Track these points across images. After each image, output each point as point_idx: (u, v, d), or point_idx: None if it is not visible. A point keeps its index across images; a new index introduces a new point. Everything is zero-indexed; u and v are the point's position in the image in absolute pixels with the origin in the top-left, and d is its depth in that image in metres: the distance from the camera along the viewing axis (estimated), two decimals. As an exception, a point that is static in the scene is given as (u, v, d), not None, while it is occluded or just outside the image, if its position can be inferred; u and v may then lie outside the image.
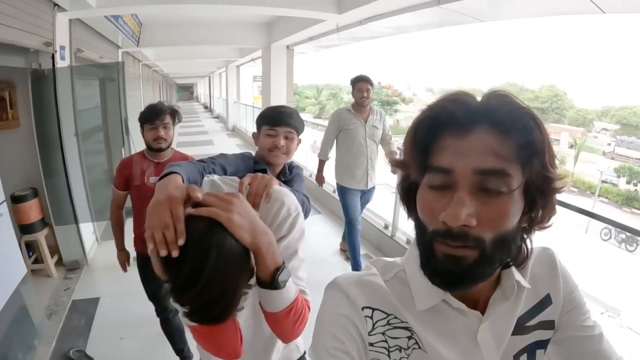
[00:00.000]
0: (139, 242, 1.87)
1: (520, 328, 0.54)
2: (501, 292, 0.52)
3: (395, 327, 0.52)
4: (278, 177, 1.23)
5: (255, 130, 1.28)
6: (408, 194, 0.52)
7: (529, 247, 0.52)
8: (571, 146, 27.43)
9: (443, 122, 0.46)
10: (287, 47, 6.65)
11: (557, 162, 0.47)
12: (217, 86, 19.20)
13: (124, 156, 3.22)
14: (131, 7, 3.49)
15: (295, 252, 0.90)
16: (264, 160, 1.20)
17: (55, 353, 2.13)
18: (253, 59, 9.64)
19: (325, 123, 3.43)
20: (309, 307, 0.83)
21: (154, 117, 1.77)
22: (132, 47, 5.71)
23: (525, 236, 0.50)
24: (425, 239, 0.48)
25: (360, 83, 2.88)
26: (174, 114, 1.86)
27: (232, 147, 9.42)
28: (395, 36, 5.38)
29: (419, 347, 0.51)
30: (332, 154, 3.14)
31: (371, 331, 0.52)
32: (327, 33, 5.04)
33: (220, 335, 0.76)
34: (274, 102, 6.68)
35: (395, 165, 0.53)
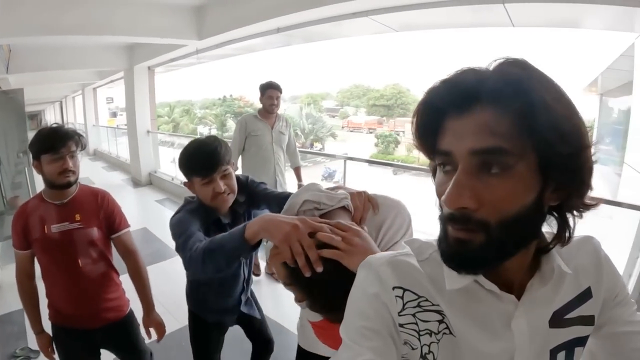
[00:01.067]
0: (54, 312, 1.49)
1: (558, 321, 0.51)
2: (540, 276, 0.50)
3: (426, 310, 0.51)
4: (235, 207, 1.26)
5: (185, 179, 1.24)
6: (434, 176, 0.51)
7: (572, 226, 0.47)
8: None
9: (444, 104, 0.44)
10: (149, 68, 6.89)
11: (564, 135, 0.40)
12: (71, 110, 17.41)
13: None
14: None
15: None
16: (213, 208, 1.21)
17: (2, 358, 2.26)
18: (112, 81, 9.39)
19: (181, 140, 3.65)
20: None
21: (59, 144, 1.38)
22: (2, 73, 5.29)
23: (564, 214, 0.47)
24: (440, 218, 0.48)
25: (270, 90, 2.93)
26: (79, 139, 1.47)
27: (97, 170, 9.04)
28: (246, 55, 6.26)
29: (450, 333, 0.50)
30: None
31: (401, 311, 0.51)
32: (187, 55, 5.62)
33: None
34: (139, 122, 6.82)
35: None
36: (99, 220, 1.50)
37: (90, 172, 8.14)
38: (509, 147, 0.40)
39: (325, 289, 0.67)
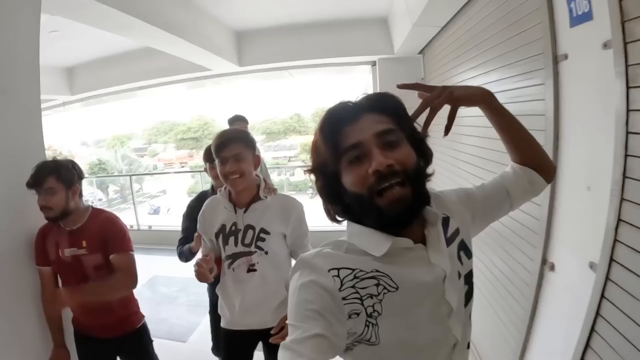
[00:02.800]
0: (75, 319, 1.64)
1: (447, 240, 0.72)
2: (430, 224, 0.69)
3: (362, 279, 0.62)
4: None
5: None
6: (331, 189, 0.68)
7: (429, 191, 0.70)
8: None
9: (341, 118, 0.67)
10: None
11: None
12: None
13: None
14: None
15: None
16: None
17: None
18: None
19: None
20: None
21: (37, 181, 1.44)
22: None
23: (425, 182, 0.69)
24: (365, 203, 0.63)
25: (237, 122, 3.10)
26: (61, 174, 1.47)
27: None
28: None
29: (389, 291, 0.62)
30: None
31: (341, 287, 0.61)
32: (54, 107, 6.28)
33: None
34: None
35: (311, 172, 0.71)
36: (101, 245, 1.52)
37: None
38: (396, 129, 0.66)
39: None
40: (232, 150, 1.33)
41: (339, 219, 0.72)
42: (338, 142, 0.65)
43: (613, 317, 1.12)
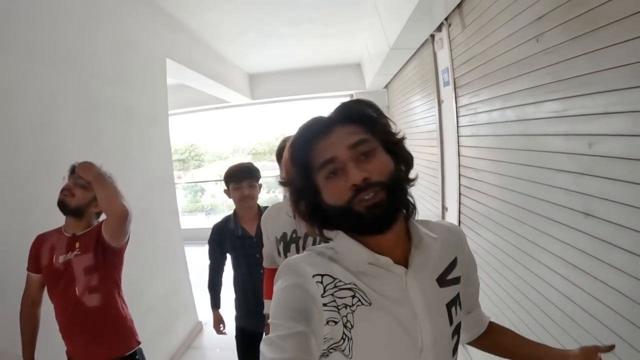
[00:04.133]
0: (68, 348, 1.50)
1: (444, 281, 0.69)
2: (414, 247, 0.67)
3: (341, 289, 0.63)
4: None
5: (225, 187, 1.80)
6: (310, 202, 0.67)
7: (412, 201, 0.70)
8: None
9: (313, 134, 0.66)
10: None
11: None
12: None
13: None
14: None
15: None
16: (237, 215, 1.81)
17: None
18: None
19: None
20: None
21: (74, 170, 1.55)
22: None
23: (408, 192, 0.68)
24: (345, 213, 0.63)
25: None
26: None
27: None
28: None
29: (362, 304, 0.62)
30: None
31: (323, 294, 0.62)
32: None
33: None
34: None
35: (284, 185, 0.71)
36: (94, 244, 1.48)
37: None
38: (369, 138, 0.64)
39: None
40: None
41: (326, 235, 0.71)
42: (312, 158, 0.66)
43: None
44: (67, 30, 2.01)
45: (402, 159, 0.68)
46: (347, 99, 0.72)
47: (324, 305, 0.61)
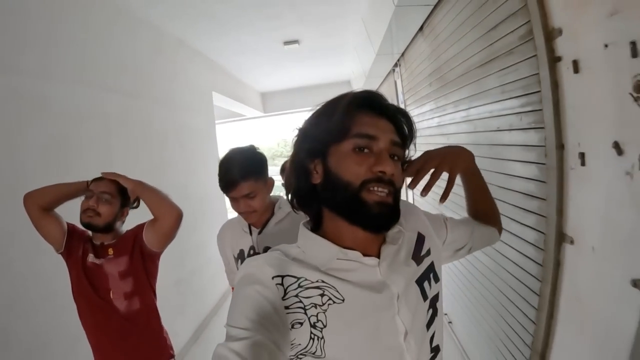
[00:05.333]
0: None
1: (419, 258, 0.70)
2: (390, 238, 0.67)
3: (307, 288, 0.59)
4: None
5: None
6: (305, 168, 0.65)
7: None
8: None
9: (367, 102, 0.64)
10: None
11: None
12: None
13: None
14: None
15: None
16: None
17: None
18: None
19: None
20: None
21: (94, 182, 1.45)
22: None
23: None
24: (349, 193, 0.60)
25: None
26: (122, 187, 1.46)
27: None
28: None
29: (334, 302, 0.59)
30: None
31: (284, 296, 0.58)
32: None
33: None
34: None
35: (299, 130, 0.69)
36: (130, 247, 1.44)
37: None
38: (402, 148, 0.66)
39: None
40: (241, 191, 1.16)
41: (299, 209, 0.69)
42: (353, 122, 0.62)
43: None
44: (132, 66, 2.79)
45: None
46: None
47: (286, 308, 0.58)
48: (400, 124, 0.67)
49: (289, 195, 0.70)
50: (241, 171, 1.15)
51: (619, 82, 0.91)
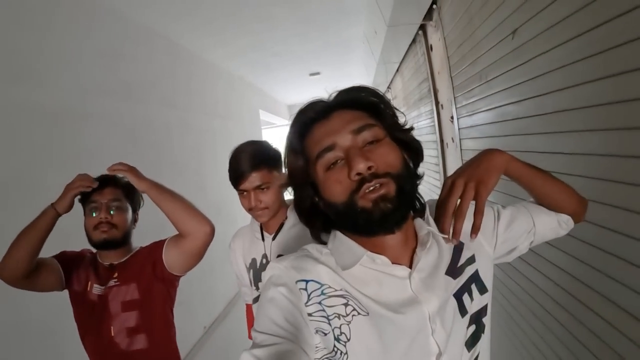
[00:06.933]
0: None
1: (456, 271, 0.61)
2: (421, 244, 0.59)
3: (330, 296, 0.55)
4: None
5: None
6: (308, 202, 0.61)
7: (422, 199, 0.63)
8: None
9: (310, 118, 0.59)
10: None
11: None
12: None
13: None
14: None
15: None
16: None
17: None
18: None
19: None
20: None
21: (105, 182, 1.19)
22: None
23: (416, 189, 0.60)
24: (346, 208, 0.55)
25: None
26: (129, 187, 1.22)
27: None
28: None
29: (359, 314, 0.54)
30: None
31: (307, 302, 0.55)
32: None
33: None
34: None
35: (286, 186, 0.64)
36: (137, 273, 1.21)
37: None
38: (375, 124, 0.57)
39: None
40: (253, 182, 1.06)
41: (324, 239, 0.64)
42: (309, 147, 0.58)
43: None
44: (203, 92, 3.71)
45: (412, 150, 0.62)
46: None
47: (310, 315, 0.55)
48: (360, 101, 0.60)
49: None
50: (253, 160, 1.06)
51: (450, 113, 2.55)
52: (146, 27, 2.78)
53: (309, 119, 0.61)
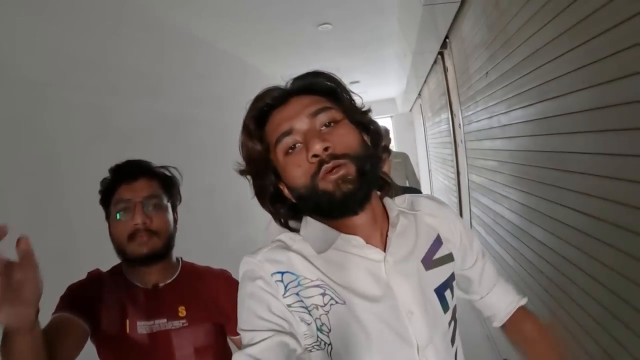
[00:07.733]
0: None
1: (430, 262, 0.61)
2: (392, 225, 0.60)
3: (307, 287, 0.56)
4: None
5: None
6: (270, 189, 0.61)
7: (388, 179, 0.64)
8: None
9: (268, 105, 0.59)
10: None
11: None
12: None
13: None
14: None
15: None
16: None
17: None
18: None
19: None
20: None
21: (129, 175, 0.89)
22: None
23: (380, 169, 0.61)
24: (307, 191, 0.55)
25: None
26: (168, 181, 0.95)
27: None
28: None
29: (336, 302, 0.54)
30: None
31: (285, 294, 0.55)
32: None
33: None
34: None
35: (243, 173, 0.62)
36: (212, 312, 0.95)
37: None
38: (332, 107, 0.58)
39: None
40: None
41: (292, 227, 0.63)
42: (267, 134, 0.59)
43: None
44: (225, 87, 3.54)
45: (371, 131, 0.62)
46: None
47: (289, 306, 0.55)
48: (317, 86, 0.61)
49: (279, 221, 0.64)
50: None
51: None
52: (229, 53, 3.76)
53: (267, 105, 0.60)
